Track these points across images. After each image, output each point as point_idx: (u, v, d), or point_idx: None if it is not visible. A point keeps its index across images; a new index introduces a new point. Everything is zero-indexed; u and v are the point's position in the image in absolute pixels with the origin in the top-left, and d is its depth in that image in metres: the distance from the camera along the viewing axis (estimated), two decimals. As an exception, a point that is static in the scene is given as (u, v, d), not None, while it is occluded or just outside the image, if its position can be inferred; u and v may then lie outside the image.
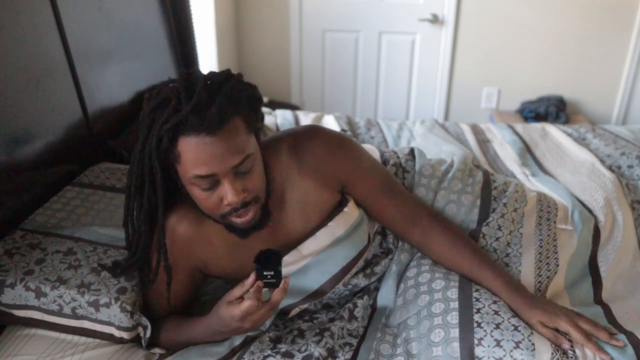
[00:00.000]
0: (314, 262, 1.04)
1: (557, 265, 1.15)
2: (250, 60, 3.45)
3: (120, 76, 1.66)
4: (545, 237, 1.19)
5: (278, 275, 0.84)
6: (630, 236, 1.29)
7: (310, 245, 1.05)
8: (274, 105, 2.97)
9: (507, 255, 1.16)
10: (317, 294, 1.06)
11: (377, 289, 1.14)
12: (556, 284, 1.12)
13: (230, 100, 0.85)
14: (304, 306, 1.07)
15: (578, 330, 0.90)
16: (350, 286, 1.11)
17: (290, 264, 1.03)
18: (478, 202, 1.23)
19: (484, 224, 1.19)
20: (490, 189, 1.26)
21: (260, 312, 0.86)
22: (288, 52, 3.39)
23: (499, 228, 1.18)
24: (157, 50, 1.94)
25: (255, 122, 0.92)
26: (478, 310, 0.94)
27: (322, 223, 1.06)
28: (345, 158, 1.07)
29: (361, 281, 1.12)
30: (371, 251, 1.15)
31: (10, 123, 1.18)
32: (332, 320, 1.06)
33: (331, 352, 0.97)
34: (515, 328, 0.90)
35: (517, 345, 0.87)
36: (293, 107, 3.07)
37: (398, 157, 1.32)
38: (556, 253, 1.17)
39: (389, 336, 1.02)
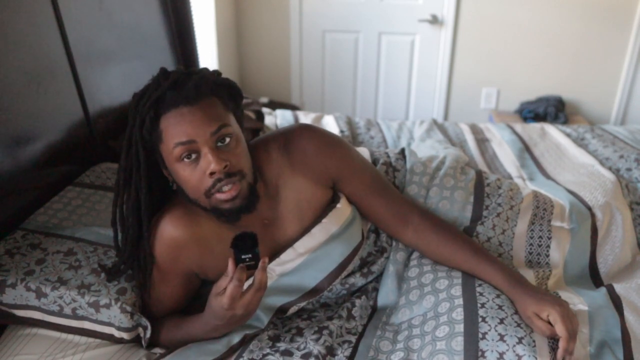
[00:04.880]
0: (310, 259, 1.05)
1: (549, 265, 1.15)
2: (250, 60, 3.45)
3: (121, 76, 1.66)
4: (536, 240, 1.19)
5: (256, 257, 0.84)
6: (629, 236, 1.29)
7: (306, 243, 1.05)
8: (274, 105, 2.97)
9: (500, 255, 1.17)
10: (315, 291, 1.06)
11: (375, 290, 1.15)
12: (557, 286, 1.13)
13: (206, 81, 0.92)
14: (302, 304, 1.07)
15: (564, 324, 0.89)
16: (347, 285, 1.12)
17: (286, 262, 1.04)
18: (471, 199, 1.23)
19: (479, 222, 1.20)
20: (483, 185, 1.26)
21: (247, 295, 0.85)
22: (288, 52, 3.39)
23: (493, 228, 1.19)
24: (158, 50, 1.94)
25: (234, 109, 0.98)
26: (482, 305, 0.95)
27: (316, 220, 1.07)
28: (335, 155, 1.08)
29: (358, 280, 1.13)
30: (366, 249, 1.16)
31: (11, 123, 1.18)
32: (330, 318, 1.06)
33: (330, 350, 0.97)
34: (518, 324, 0.91)
35: (520, 340, 0.88)
36: (293, 107, 3.07)
37: (388, 156, 1.32)
38: (547, 256, 1.18)
39: (389, 333, 1.03)
